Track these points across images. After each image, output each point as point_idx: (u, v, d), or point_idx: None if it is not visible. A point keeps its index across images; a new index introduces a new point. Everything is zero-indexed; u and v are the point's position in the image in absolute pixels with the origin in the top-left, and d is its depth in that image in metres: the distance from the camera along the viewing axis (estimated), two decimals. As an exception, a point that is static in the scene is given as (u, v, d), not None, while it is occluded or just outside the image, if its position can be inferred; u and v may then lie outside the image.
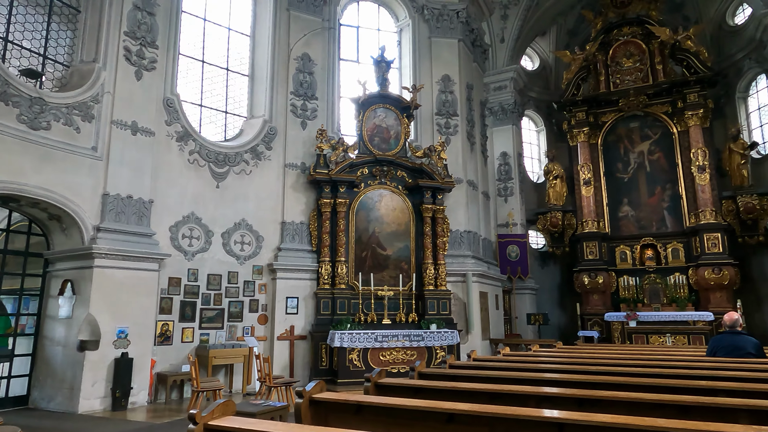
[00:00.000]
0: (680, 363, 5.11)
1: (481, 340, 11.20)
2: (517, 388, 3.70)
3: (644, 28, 14.64)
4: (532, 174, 16.79)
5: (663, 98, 14.38)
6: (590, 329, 13.61)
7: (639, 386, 3.77)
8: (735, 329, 5.74)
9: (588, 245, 14.33)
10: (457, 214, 11.46)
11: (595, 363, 5.32)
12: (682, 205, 13.82)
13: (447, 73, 12.11)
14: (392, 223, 10.54)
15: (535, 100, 16.95)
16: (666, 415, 3.13)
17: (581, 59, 15.13)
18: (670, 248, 13.85)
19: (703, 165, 13.35)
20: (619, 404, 3.32)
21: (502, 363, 5.56)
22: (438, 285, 10.46)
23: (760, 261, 13.60)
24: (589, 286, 13.90)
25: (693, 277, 13.19)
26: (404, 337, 9.32)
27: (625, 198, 14.69)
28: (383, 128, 10.83)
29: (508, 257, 14.03)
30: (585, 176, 14.72)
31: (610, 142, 15.09)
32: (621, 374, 4.36)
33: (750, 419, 2.98)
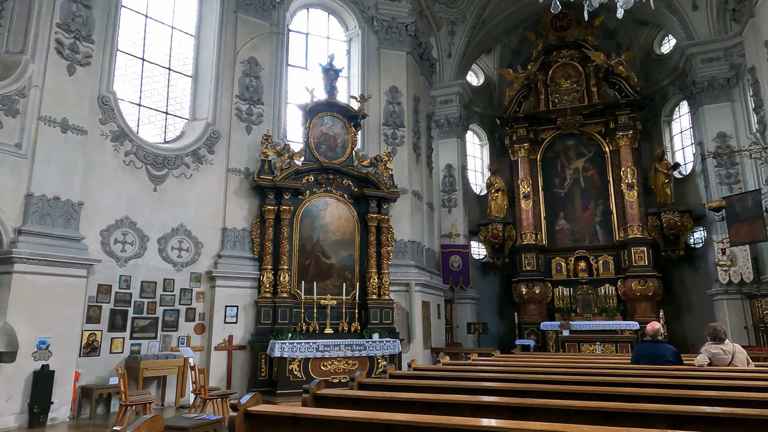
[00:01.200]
0: (606, 371, 5.38)
1: (423, 349, 11.32)
2: (453, 397, 3.76)
3: (581, 52, 15.46)
4: (475, 186, 17.24)
5: (597, 119, 15.22)
6: (527, 338, 14.07)
7: (568, 393, 3.93)
8: (656, 338, 6.11)
9: (526, 256, 14.85)
10: (401, 224, 11.58)
11: (529, 371, 5.50)
12: (613, 220, 14.63)
13: (395, 84, 12.27)
14: (337, 232, 10.49)
15: (480, 115, 17.47)
16: (592, 421, 3.28)
17: (523, 78, 15.77)
18: (601, 260, 14.60)
19: (632, 183, 14.21)
20: (550, 411, 3.44)
21: (442, 372, 5.64)
22: (381, 294, 10.50)
23: (681, 274, 14.61)
24: (527, 296, 14.40)
25: (621, 288, 13.96)
26: (346, 346, 9.27)
27: (561, 212, 15.37)
28: (330, 136, 10.80)
29: (451, 267, 14.30)
30: (525, 190, 15.29)
31: (548, 158, 15.77)
32: (552, 382, 4.54)
33: (666, 423, 3.17)
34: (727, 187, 12.71)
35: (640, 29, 16.39)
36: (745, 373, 5.06)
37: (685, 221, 14.17)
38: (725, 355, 5.72)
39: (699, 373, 4.97)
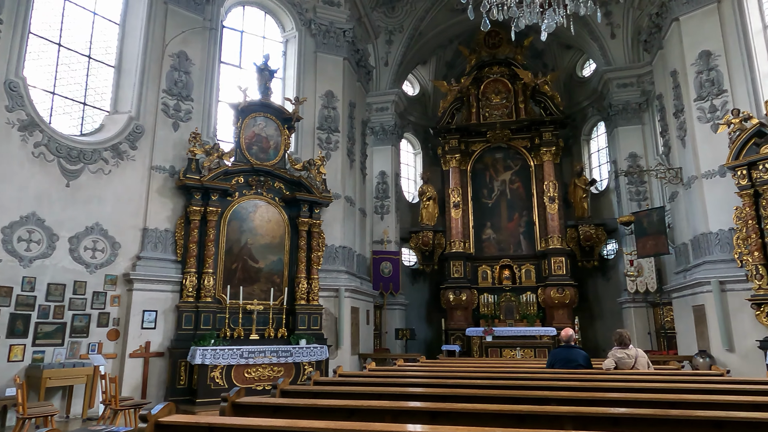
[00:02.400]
0: (523, 375, 5.63)
1: (351, 355, 11.30)
2: (375, 404, 3.78)
3: (511, 70, 16.20)
4: (408, 194, 17.52)
5: (524, 134, 15.97)
6: (453, 344, 14.42)
7: (485, 397, 4.07)
8: (569, 343, 6.47)
9: (454, 264, 15.26)
10: (333, 229, 11.52)
11: (451, 377, 5.64)
12: (535, 230, 15.38)
13: (331, 89, 12.24)
14: (266, 236, 10.27)
15: (414, 124, 17.80)
16: (506, 424, 3.41)
17: (456, 91, 16.26)
18: (524, 269, 15.29)
19: (553, 196, 15.03)
20: (468, 415, 3.54)
21: (367, 378, 5.66)
22: (310, 300, 10.38)
23: (595, 283, 15.61)
24: (454, 302, 14.78)
25: (541, 296, 14.68)
26: (272, 353, 9.07)
27: (488, 222, 15.95)
28: (263, 137, 10.57)
29: (382, 273, 14.40)
30: (455, 199, 15.73)
31: (478, 170, 16.34)
32: (471, 387, 4.68)
33: (573, 424, 3.35)
34: (637, 203, 13.76)
35: (565, 52, 17.44)
36: (644, 376, 5.47)
37: (600, 234, 15.18)
38: (629, 359, 6.16)
39: (605, 377, 5.32)
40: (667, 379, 5.12)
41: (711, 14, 10.64)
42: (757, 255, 8.82)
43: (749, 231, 8.99)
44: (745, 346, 9.21)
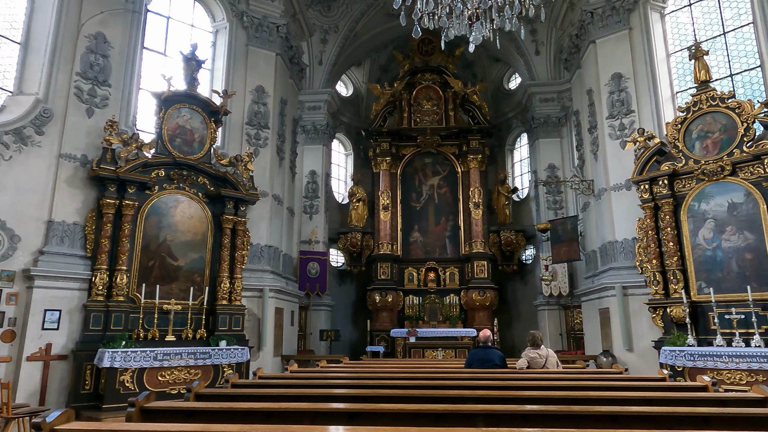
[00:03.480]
0: (442, 375, 5.79)
1: (273, 357, 11.07)
2: (294, 406, 3.73)
3: (443, 78, 16.65)
4: (338, 195, 17.47)
5: (452, 141, 16.46)
6: (378, 345, 14.55)
7: (405, 397, 4.15)
8: (487, 344, 6.75)
9: (382, 266, 15.42)
10: (259, 227, 11.25)
11: (373, 377, 5.69)
12: (460, 235, 15.89)
13: (262, 84, 11.95)
14: (188, 232, 9.83)
15: (346, 125, 17.80)
16: (423, 423, 3.49)
17: (389, 94, 16.47)
18: (448, 272, 15.74)
19: (478, 202, 15.62)
20: (386, 415, 3.59)
21: (287, 380, 5.58)
22: (233, 300, 10.06)
23: (513, 286, 16.37)
24: (380, 304, 14.93)
25: (464, 298, 15.18)
26: (189, 355, 8.69)
27: (416, 225, 16.27)
28: (187, 130, 10.12)
29: (308, 274, 14.25)
30: (384, 202, 15.90)
31: (407, 173, 16.63)
32: (391, 387, 4.74)
33: (485, 422, 3.50)
34: (553, 211, 14.60)
35: (493, 64, 18.18)
36: (553, 374, 5.82)
37: (520, 239, 15.96)
38: (540, 359, 6.52)
39: (517, 376, 5.60)
40: (572, 378, 5.47)
41: (623, 40, 11.53)
42: (655, 263, 9.65)
43: (649, 240, 9.82)
44: (642, 346, 10.04)
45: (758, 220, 8.60)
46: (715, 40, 10.71)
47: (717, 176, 9.09)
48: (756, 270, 8.55)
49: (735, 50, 10.51)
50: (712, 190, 9.19)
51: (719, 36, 10.69)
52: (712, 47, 10.57)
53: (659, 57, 11.22)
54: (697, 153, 9.46)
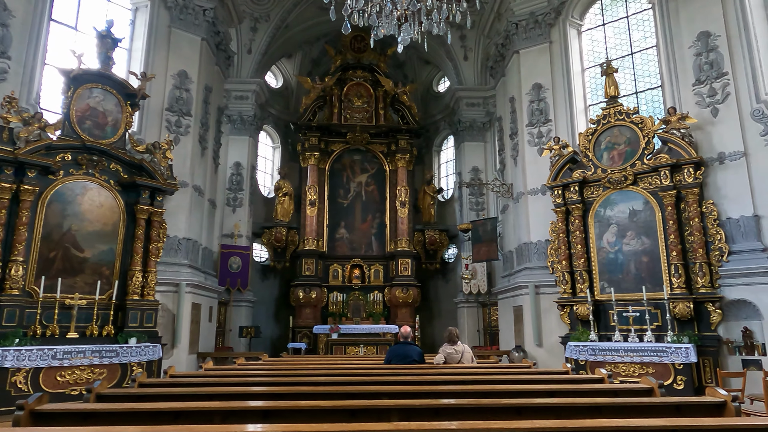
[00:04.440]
0: (361, 371, 5.83)
1: (188, 354, 10.61)
2: (204, 405, 3.60)
3: (374, 76, 16.74)
4: (263, 188, 17.05)
5: (382, 139, 16.61)
6: (300, 341, 14.40)
7: (321, 394, 4.13)
8: (407, 340, 6.89)
9: (307, 262, 15.27)
10: (177, 219, 10.73)
11: (292, 374, 5.62)
12: (386, 233, 16.08)
13: (185, 69, 11.39)
14: (96, 222, 9.15)
15: (275, 117, 17.41)
16: (338, 419, 3.49)
17: (320, 89, 16.32)
18: (373, 269, 15.87)
19: (404, 201, 15.88)
20: (301, 413, 3.55)
21: (201, 378, 5.37)
22: (145, 294, 9.50)
23: (436, 284, 16.82)
24: (303, 300, 14.78)
25: (388, 295, 15.39)
26: (93, 353, 8.11)
27: (343, 221, 16.25)
28: (99, 112, 9.41)
29: (230, 269, 13.80)
30: (311, 197, 15.74)
31: (336, 170, 16.57)
32: (309, 384, 4.71)
33: (399, 416, 3.57)
34: (475, 212, 15.17)
35: (424, 67, 18.53)
36: (467, 369, 6.04)
37: (443, 239, 16.42)
38: (457, 354, 6.74)
39: (433, 371, 5.76)
40: (484, 372, 5.72)
41: (543, 52, 12.19)
42: (565, 264, 10.31)
43: (560, 243, 10.47)
44: (551, 341, 10.70)
45: (654, 227, 9.45)
46: (624, 59, 11.60)
47: (621, 185, 9.87)
48: (650, 272, 9.38)
49: (640, 70, 11.45)
50: (616, 198, 9.97)
51: (628, 56, 11.59)
52: (621, 65, 11.44)
53: (575, 71, 11.97)
54: (605, 162, 10.21)
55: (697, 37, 9.58)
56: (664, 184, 9.31)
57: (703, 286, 8.73)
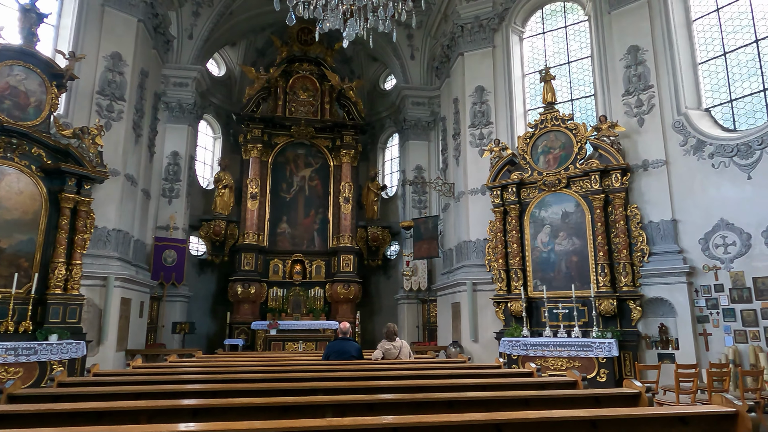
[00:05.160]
0: (299, 367, 5.78)
1: (116, 351, 10.09)
2: (129, 404, 3.45)
3: (320, 69, 16.56)
4: (202, 179, 16.48)
5: (327, 134, 16.48)
6: (237, 337, 14.06)
7: (254, 391, 4.05)
8: (346, 336, 6.89)
9: (246, 256, 14.92)
10: (107, 209, 10.16)
11: (226, 371, 5.48)
12: (329, 228, 15.99)
13: (119, 51, 10.78)
14: (15, 210, 8.49)
15: (216, 107, 16.86)
16: (271, 416, 3.44)
17: (264, 80, 15.95)
18: (315, 265, 15.74)
19: (348, 197, 15.85)
20: (232, 410, 3.47)
21: (128, 377, 5.13)
22: (69, 288, 8.92)
23: (377, 280, 16.91)
24: (242, 295, 14.43)
25: (329, 291, 15.32)
26: (8, 351, 7.54)
27: (284, 216, 16.00)
28: (21, 92, 8.73)
29: (164, 262, 13.24)
30: (253, 190, 15.37)
31: (279, 163, 16.27)
32: (243, 381, 4.62)
33: (334, 412, 3.57)
34: (418, 210, 15.38)
35: (371, 63, 18.53)
36: (404, 365, 6.13)
37: (385, 236, 16.54)
38: (395, 350, 6.82)
39: (371, 366, 5.80)
40: (420, 367, 5.82)
41: (487, 56, 12.52)
42: (501, 262, 10.67)
43: (497, 242, 10.82)
44: (487, 337, 11.04)
45: (584, 228, 9.96)
46: (562, 67, 12.13)
47: (555, 187, 10.32)
48: (580, 271, 9.89)
49: (576, 78, 12.01)
50: (551, 200, 10.42)
51: (565, 64, 12.13)
52: (559, 73, 11.95)
53: (516, 76, 12.38)
54: (541, 165, 10.64)
55: (628, 50, 10.17)
56: (593, 188, 9.83)
57: (626, 284, 9.31)
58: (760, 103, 9.04)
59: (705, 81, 9.77)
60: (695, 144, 9.14)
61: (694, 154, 9.14)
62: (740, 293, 8.28)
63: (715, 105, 9.60)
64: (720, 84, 9.61)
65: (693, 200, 9.03)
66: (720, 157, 8.77)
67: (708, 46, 9.84)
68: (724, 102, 9.51)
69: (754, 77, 9.18)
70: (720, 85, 9.61)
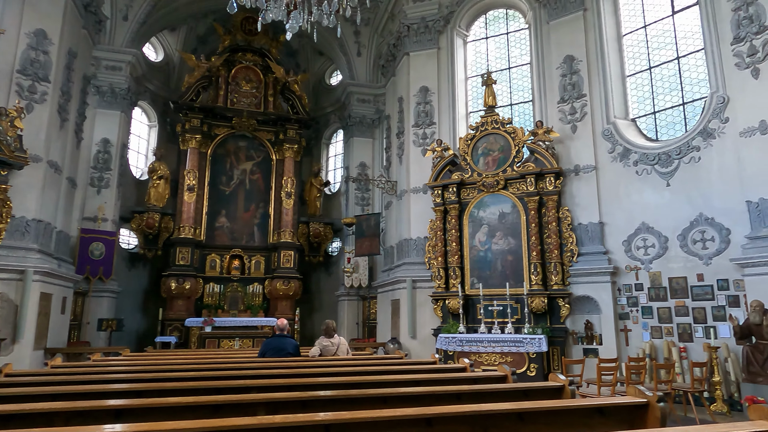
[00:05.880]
0: (233, 365, 5.64)
1: (33, 350, 9.41)
2: (44, 406, 3.23)
3: (265, 61, 16.19)
4: (135, 169, 15.68)
5: (270, 127, 16.14)
6: (170, 335, 13.53)
7: (184, 390, 3.91)
8: (283, 333, 6.79)
9: (181, 250, 14.37)
10: (26, 198, 9.45)
11: (154, 370, 5.26)
12: (270, 223, 15.69)
13: (43, 28, 10.04)
14: None
15: (153, 94, 16.09)
16: (201, 415, 3.34)
17: (205, 68, 15.40)
18: (254, 260, 15.40)
19: (290, 192, 15.62)
20: (159, 410, 3.33)
21: (45, 377, 4.80)
22: (-20, 282, 8.27)
23: (318, 277, 16.79)
24: (176, 291, 13.89)
25: (268, 287, 15.04)
26: None
27: (224, 210, 15.53)
28: (-73, 66, 7.97)
29: (91, 255, 12.50)
30: (190, 182, 14.82)
31: (219, 155, 15.77)
32: (172, 380, 4.45)
33: (266, 410, 3.51)
34: (361, 207, 15.40)
35: (317, 58, 18.31)
36: (342, 361, 6.12)
37: (327, 232, 16.44)
38: (333, 346, 6.81)
39: (307, 363, 5.75)
40: (357, 364, 5.84)
41: (432, 57, 12.71)
42: (440, 260, 10.89)
43: (437, 240, 11.03)
44: (425, 333, 11.24)
45: (519, 229, 10.34)
46: (503, 72, 12.52)
47: (493, 189, 10.65)
48: (514, 270, 10.26)
49: (516, 84, 12.44)
50: (489, 200, 10.75)
51: (506, 69, 12.53)
52: (500, 78, 12.33)
53: (459, 78, 12.66)
54: (481, 167, 10.95)
55: (564, 59, 10.65)
56: (529, 190, 10.23)
57: (556, 283, 9.77)
58: (679, 116, 9.75)
59: (632, 93, 10.41)
60: (622, 152, 9.71)
61: (620, 161, 9.71)
62: (657, 292, 8.91)
63: (640, 116, 10.25)
64: (645, 96, 10.27)
65: (618, 204, 9.61)
66: (643, 164, 9.38)
67: (636, 60, 10.49)
68: (648, 113, 10.18)
69: (675, 91, 9.88)
70: (645, 98, 10.27)
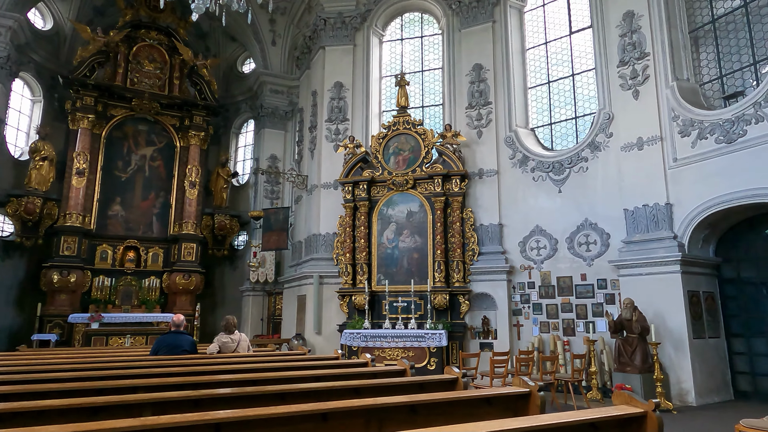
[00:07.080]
0: (120, 364, 5.25)
1: None
2: None
3: (171, 41, 15.22)
4: (14, 148, 14.05)
5: (174, 112, 15.21)
6: (50, 332, 12.32)
7: (61, 392, 3.58)
8: (179, 329, 6.45)
9: (67, 240, 13.11)
10: None
11: (25, 371, 4.76)
12: (171, 214, 14.79)
13: None
14: None
15: (38, 66, 14.50)
16: (75, 419, 3.07)
17: (102, 43, 14.16)
18: (151, 252, 14.45)
19: (195, 182, 14.84)
20: (25, 415, 3.03)
21: None
22: None
23: (222, 271, 16.14)
24: (59, 284, 12.65)
25: (166, 281, 14.19)
26: None
27: (118, 197, 14.41)
28: None
29: (-47, 243, 11.02)
30: (80, 166, 13.56)
31: (115, 138, 14.59)
32: (47, 381, 4.06)
33: (153, 411, 3.31)
34: (270, 201, 15.03)
35: (230, 43, 17.55)
36: (241, 358, 5.95)
37: (234, 225, 15.85)
38: (233, 343, 6.59)
39: (204, 361, 5.51)
40: (258, 360, 5.70)
41: (347, 53, 12.71)
42: (348, 256, 10.94)
43: (346, 236, 11.07)
44: (330, 329, 11.23)
45: (426, 227, 10.67)
46: (416, 74, 12.83)
47: (403, 187, 10.89)
48: (419, 267, 10.58)
49: (428, 87, 12.81)
50: (398, 199, 10.98)
51: (419, 72, 12.85)
52: (413, 80, 12.62)
53: (374, 77, 12.78)
54: (391, 166, 11.14)
55: (473, 67, 11.14)
56: (436, 191, 10.59)
57: (458, 281, 10.21)
58: (572, 129, 10.60)
59: (533, 104, 11.15)
60: (521, 158, 10.37)
61: (520, 167, 10.36)
62: (546, 290, 9.63)
63: (539, 126, 11.01)
64: (544, 108, 11.05)
65: (516, 208, 10.25)
66: (539, 171, 10.08)
67: (537, 74, 11.24)
68: (546, 124, 10.96)
69: (569, 105, 10.73)
70: (544, 109, 11.05)
